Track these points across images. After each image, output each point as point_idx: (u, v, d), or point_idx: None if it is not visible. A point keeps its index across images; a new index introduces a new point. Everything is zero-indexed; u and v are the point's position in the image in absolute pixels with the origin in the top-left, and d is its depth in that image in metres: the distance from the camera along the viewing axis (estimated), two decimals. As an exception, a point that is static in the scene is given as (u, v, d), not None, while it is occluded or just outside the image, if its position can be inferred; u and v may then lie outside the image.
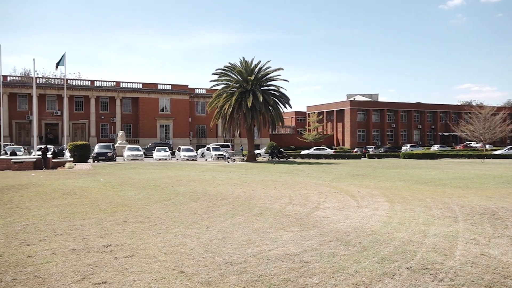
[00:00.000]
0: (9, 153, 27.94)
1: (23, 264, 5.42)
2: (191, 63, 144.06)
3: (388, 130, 72.62)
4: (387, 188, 14.41)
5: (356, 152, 54.05)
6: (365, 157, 47.09)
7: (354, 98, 76.19)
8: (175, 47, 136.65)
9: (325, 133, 70.97)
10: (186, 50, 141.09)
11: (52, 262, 5.52)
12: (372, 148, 58.12)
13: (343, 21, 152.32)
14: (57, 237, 6.96)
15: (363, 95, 79.50)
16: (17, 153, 29.25)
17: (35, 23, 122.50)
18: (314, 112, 71.34)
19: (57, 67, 32.27)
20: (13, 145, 38.36)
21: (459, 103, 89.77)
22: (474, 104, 78.43)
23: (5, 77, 49.93)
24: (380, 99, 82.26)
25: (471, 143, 63.26)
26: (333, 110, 72.74)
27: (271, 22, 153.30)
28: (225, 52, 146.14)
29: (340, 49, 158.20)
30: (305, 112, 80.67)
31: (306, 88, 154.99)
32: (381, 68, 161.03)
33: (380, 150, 56.94)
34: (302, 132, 67.70)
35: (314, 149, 50.54)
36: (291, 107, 37.99)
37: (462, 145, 67.18)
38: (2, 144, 31.21)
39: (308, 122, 71.66)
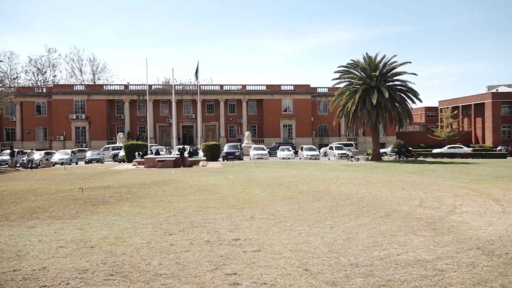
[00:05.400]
0: (154, 152, 31.79)
1: (167, 251, 6.11)
2: (312, 63, 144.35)
3: (542, 124, 62.31)
4: (541, 192, 12.40)
5: (499, 150, 47.68)
6: (511, 156, 41.27)
7: (497, 90, 67.17)
8: (296, 48, 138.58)
9: (460, 129, 64.06)
10: (307, 50, 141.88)
11: (190, 251, 6.11)
12: (521, 145, 50.59)
13: (477, 5, 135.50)
14: (194, 229, 7.67)
15: (508, 86, 69.57)
16: (160, 152, 33.06)
17: (173, 36, 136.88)
18: (448, 107, 64.96)
19: (196, 76, 36.08)
20: (157, 145, 43.52)
21: None
22: None
23: (150, 86, 56.89)
24: (531, 89, 70.99)
25: None
26: (471, 104, 65.26)
27: (394, 14, 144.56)
28: (346, 49, 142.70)
29: (476, 36, 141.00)
30: (437, 107, 74.02)
31: (437, 81, 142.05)
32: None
33: (532, 148, 49.20)
34: (433, 129, 62.31)
35: (448, 148, 46.22)
36: (421, 102, 35.33)
37: None
38: (149, 144, 35.66)
39: (441, 118, 65.59)
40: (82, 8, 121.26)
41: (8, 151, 36.19)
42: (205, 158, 32.91)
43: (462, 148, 45.99)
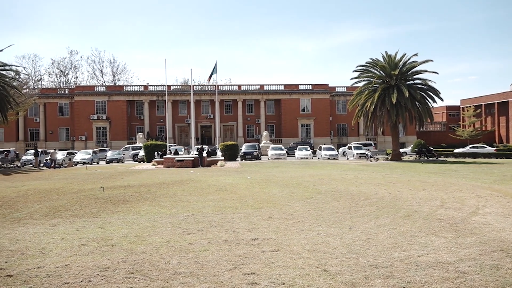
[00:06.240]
0: (173, 152, 32.12)
1: (186, 250, 6.17)
2: (331, 62, 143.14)
3: None
4: None
5: (525, 150, 46.34)
6: (537, 156, 40.03)
7: (522, 88, 65.34)
8: (314, 47, 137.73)
9: (483, 129, 62.55)
10: (325, 49, 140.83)
11: (209, 250, 6.15)
12: (547, 145, 49.05)
13: (500, 1, 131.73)
14: (212, 228, 7.72)
15: (534, 83, 67.54)
16: (179, 152, 33.39)
17: (191, 37, 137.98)
18: (470, 106, 63.49)
19: (210, 77, 36.25)
20: (175, 145, 43.93)
21: None
22: None
23: (169, 86, 57.49)
24: (558, 86, 68.70)
25: None
26: (494, 103, 63.61)
27: (414, 12, 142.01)
28: (365, 48, 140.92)
29: (500, 33, 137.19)
30: (459, 106, 72.42)
31: (459, 79, 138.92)
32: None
33: (559, 147, 47.66)
34: (455, 128, 61.07)
35: (470, 147, 45.18)
36: (442, 100, 34.73)
37: None
38: (168, 144, 36.05)
39: (463, 117, 64.19)
40: (102, 10, 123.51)
41: (32, 151, 37.18)
42: (223, 158, 33.06)
43: (485, 147, 44.89)
